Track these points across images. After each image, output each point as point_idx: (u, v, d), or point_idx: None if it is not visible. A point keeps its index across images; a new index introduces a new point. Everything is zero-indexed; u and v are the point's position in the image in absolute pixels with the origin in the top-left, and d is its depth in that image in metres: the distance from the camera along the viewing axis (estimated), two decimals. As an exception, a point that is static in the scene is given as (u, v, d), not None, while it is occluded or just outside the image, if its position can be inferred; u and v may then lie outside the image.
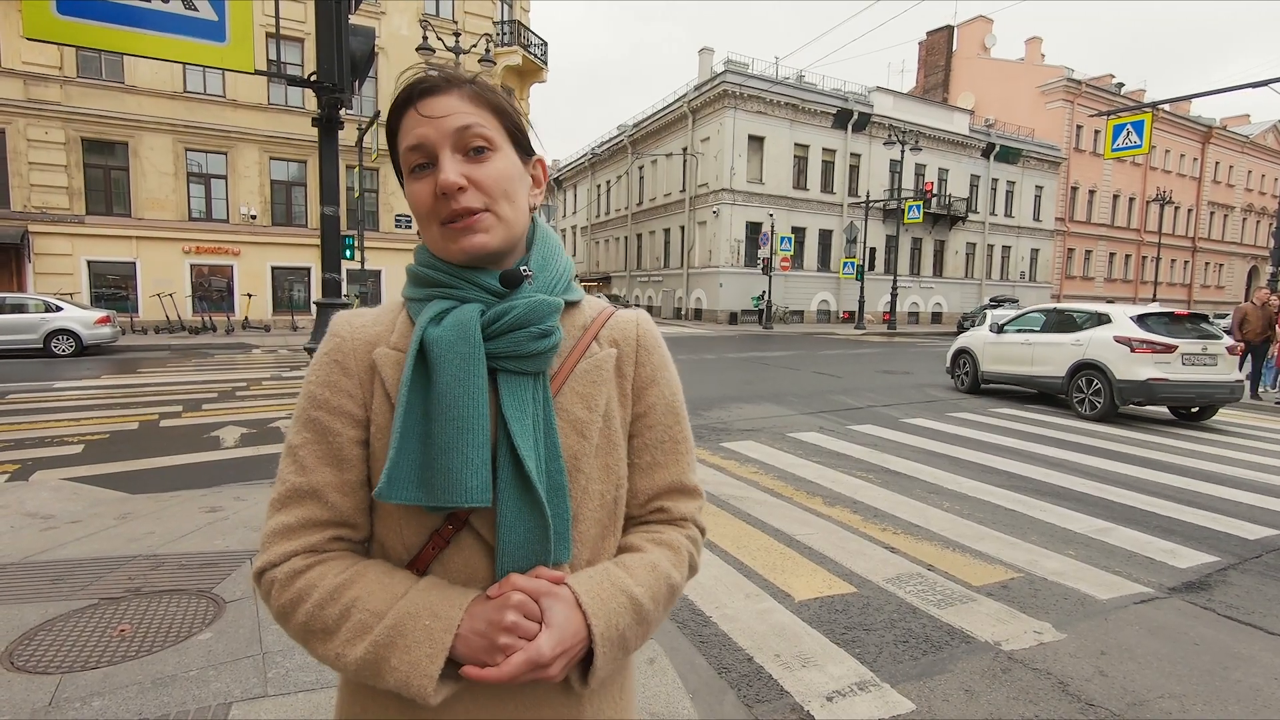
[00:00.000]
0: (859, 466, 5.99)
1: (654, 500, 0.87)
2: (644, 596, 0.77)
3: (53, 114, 18.34)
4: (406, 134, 0.77)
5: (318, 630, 0.71)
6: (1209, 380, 8.33)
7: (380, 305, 0.86)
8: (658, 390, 0.87)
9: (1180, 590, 3.56)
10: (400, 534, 0.77)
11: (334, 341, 0.80)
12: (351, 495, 0.77)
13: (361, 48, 3.83)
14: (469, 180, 0.76)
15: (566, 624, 0.70)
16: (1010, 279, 40.07)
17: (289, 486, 0.76)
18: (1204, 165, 48.00)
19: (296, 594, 0.72)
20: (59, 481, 4.95)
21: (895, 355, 18.02)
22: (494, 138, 0.79)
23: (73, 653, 2.52)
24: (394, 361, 0.77)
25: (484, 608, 0.71)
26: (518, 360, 0.76)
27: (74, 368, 12.18)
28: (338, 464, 0.76)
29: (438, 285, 0.80)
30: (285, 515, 0.75)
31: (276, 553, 0.74)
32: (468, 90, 0.79)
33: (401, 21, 22.10)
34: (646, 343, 0.88)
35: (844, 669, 2.69)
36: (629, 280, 40.04)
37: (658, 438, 0.86)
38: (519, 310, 0.77)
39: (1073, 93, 40.54)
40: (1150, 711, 2.46)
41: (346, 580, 0.72)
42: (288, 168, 21.70)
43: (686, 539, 0.86)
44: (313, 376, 0.79)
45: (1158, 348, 8.33)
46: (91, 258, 19.21)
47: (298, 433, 0.78)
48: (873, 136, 33.14)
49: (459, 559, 0.76)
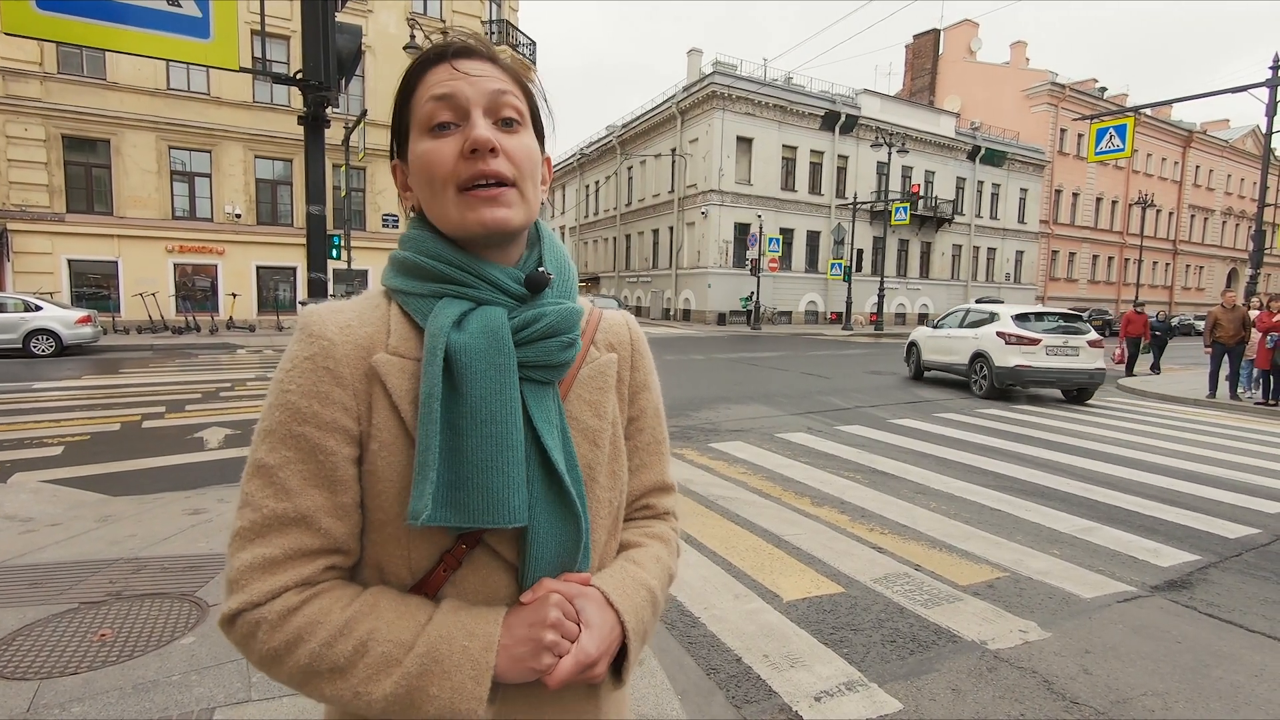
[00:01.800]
0: (847, 467, 6.01)
1: (642, 498, 0.89)
2: (657, 588, 0.80)
3: (32, 110, 18.06)
4: (434, 85, 0.71)
5: (325, 671, 0.64)
6: (1068, 368, 10.18)
7: (356, 299, 0.76)
8: (648, 395, 0.88)
9: (1163, 589, 3.60)
10: (407, 557, 0.69)
11: (319, 344, 0.68)
12: (345, 519, 0.69)
13: (348, 46, 3.80)
14: (501, 149, 0.71)
15: (603, 623, 0.70)
16: (996, 280, 40.46)
17: (267, 513, 0.66)
18: (1185, 169, 48.73)
19: (294, 634, 0.64)
20: (38, 484, 4.87)
21: (882, 356, 18.13)
22: (524, 113, 0.76)
23: (52, 658, 2.48)
24: (400, 369, 0.70)
25: (521, 614, 0.68)
26: (544, 370, 0.73)
27: (54, 368, 12.00)
28: (330, 486, 0.67)
29: (447, 281, 0.72)
30: (265, 547, 0.65)
31: (260, 590, 0.64)
32: (504, 62, 0.76)
33: (389, 19, 21.96)
34: (640, 347, 0.88)
35: (832, 669, 2.70)
36: (618, 281, 40.03)
37: (647, 440, 0.88)
38: (551, 318, 0.73)
39: (1057, 96, 41.01)
40: (1134, 709, 2.48)
41: (357, 613, 0.65)
42: (273, 166, 21.50)
43: (672, 530, 0.90)
44: (292, 385, 0.67)
45: (1025, 340, 10.23)
46: (72, 256, 18.93)
47: (273, 450, 0.67)
48: (860, 138, 33.36)
49: (475, 579, 0.71)
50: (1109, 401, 10.85)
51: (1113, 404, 10.58)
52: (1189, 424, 8.94)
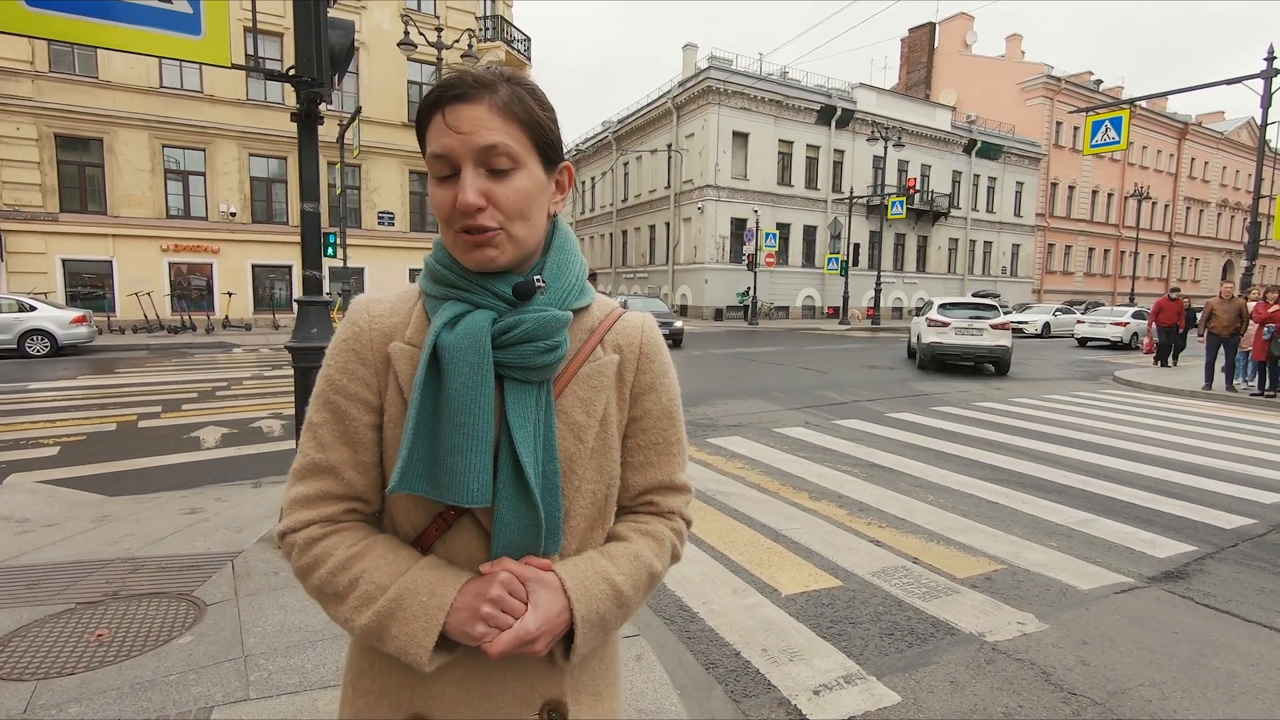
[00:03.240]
0: (844, 461, 6.02)
1: (644, 495, 0.93)
2: (625, 584, 0.83)
3: (24, 109, 17.94)
4: (432, 140, 0.79)
5: (330, 594, 0.78)
6: (971, 344, 13.05)
7: (398, 292, 0.90)
8: (655, 396, 0.91)
9: (1159, 580, 3.62)
10: (408, 515, 0.83)
11: (352, 330, 0.84)
12: (365, 474, 0.83)
13: (341, 41, 3.77)
14: (488, 198, 0.78)
15: (550, 606, 0.77)
16: (992, 274, 40.49)
17: (309, 460, 0.82)
18: (1180, 161, 48.76)
19: (313, 559, 0.79)
20: (34, 484, 4.85)
21: (880, 350, 18.14)
22: (519, 155, 0.79)
23: (49, 658, 2.47)
24: (408, 357, 0.82)
25: (475, 584, 0.77)
26: (523, 371, 0.80)
27: (49, 368, 11.95)
28: (353, 444, 0.82)
29: (452, 286, 0.83)
30: (304, 486, 0.81)
31: (296, 519, 0.80)
32: (499, 100, 0.78)
33: (383, 16, 21.85)
34: (649, 350, 0.91)
35: (831, 662, 2.71)
36: (615, 277, 39.98)
37: (651, 440, 0.92)
38: (527, 325, 0.80)
39: (1052, 89, 40.98)
40: (1131, 699, 2.49)
41: (356, 553, 0.79)
42: (268, 164, 21.40)
43: (670, 530, 0.92)
44: (332, 361, 0.83)
45: (938, 324, 13.26)
46: (66, 256, 18.83)
47: (318, 410, 0.83)
48: (856, 133, 33.31)
49: (459, 542, 0.82)
50: (1105, 394, 10.88)
51: (1109, 396, 10.61)
52: (1185, 415, 8.96)
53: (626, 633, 2.79)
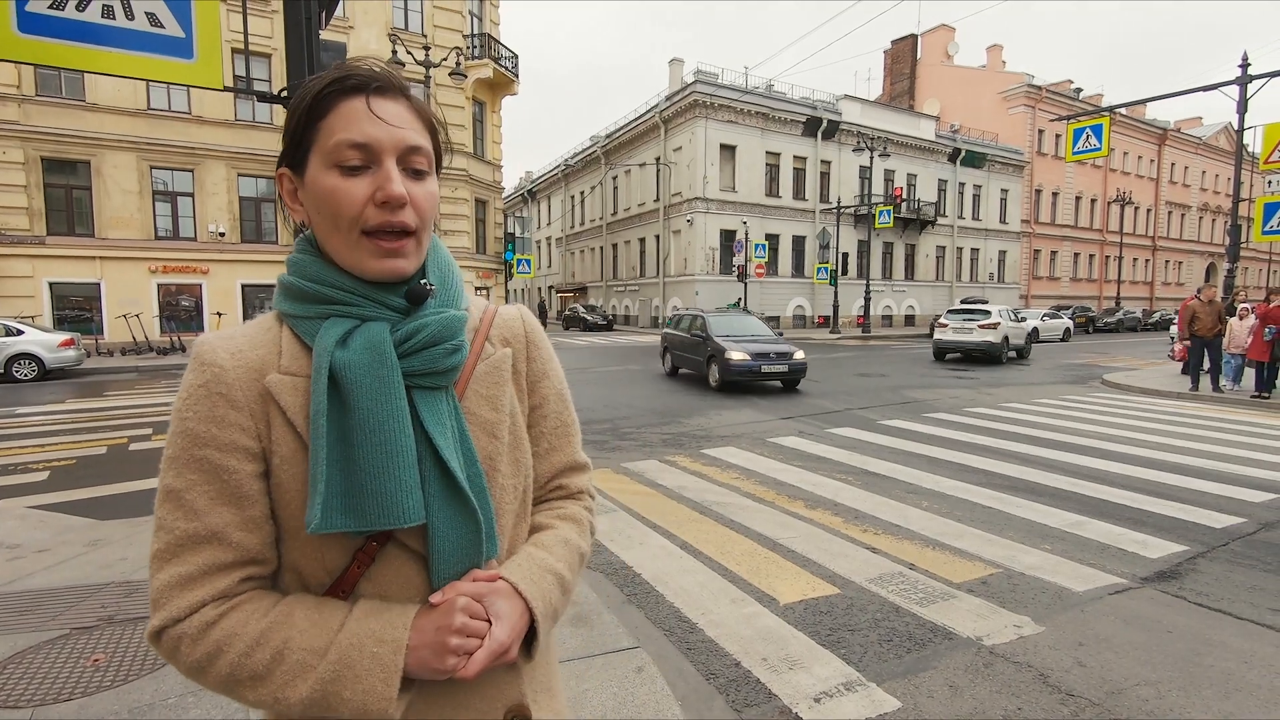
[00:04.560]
0: (839, 469, 6.05)
1: (553, 480, 0.94)
2: (565, 570, 0.85)
3: (10, 133, 17.87)
4: (349, 125, 0.72)
5: (245, 679, 0.69)
6: (964, 340, 17.16)
7: (249, 324, 0.80)
8: (549, 382, 0.93)
9: (1152, 580, 3.65)
10: (320, 559, 0.74)
11: (210, 371, 0.72)
12: (257, 531, 0.73)
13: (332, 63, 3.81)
14: (410, 198, 0.74)
15: (511, 612, 0.76)
16: (980, 280, 40.84)
17: (179, 534, 0.70)
18: (1161, 166, 49.49)
19: (214, 646, 0.68)
20: (25, 509, 4.80)
21: (871, 358, 18.24)
22: (432, 160, 0.79)
23: (45, 685, 2.45)
24: (292, 387, 0.74)
25: (430, 617, 0.73)
26: (431, 376, 0.77)
27: (37, 392, 11.84)
28: (236, 502, 0.71)
29: (332, 303, 0.76)
30: (180, 565, 0.70)
31: (179, 606, 0.69)
32: (415, 104, 0.78)
33: (370, 36, 21.96)
34: (535, 339, 0.92)
35: (830, 670, 2.72)
36: (605, 290, 40.06)
37: (553, 425, 0.93)
38: (432, 328, 0.77)
39: (1033, 98, 41.58)
40: (1128, 699, 2.52)
41: (272, 623, 0.70)
42: (256, 184, 21.37)
43: (585, 510, 0.95)
44: (189, 412, 0.71)
45: (942, 324, 17.84)
46: (54, 279, 18.69)
47: (179, 475, 0.71)
48: (842, 144, 33.65)
49: (388, 572, 0.75)
50: (1094, 397, 10.98)
51: (1098, 399, 10.71)
52: (1173, 417, 9.06)
53: (626, 645, 2.79)
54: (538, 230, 50.91)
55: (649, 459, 6.42)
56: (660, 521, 4.58)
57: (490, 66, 24.50)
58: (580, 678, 2.55)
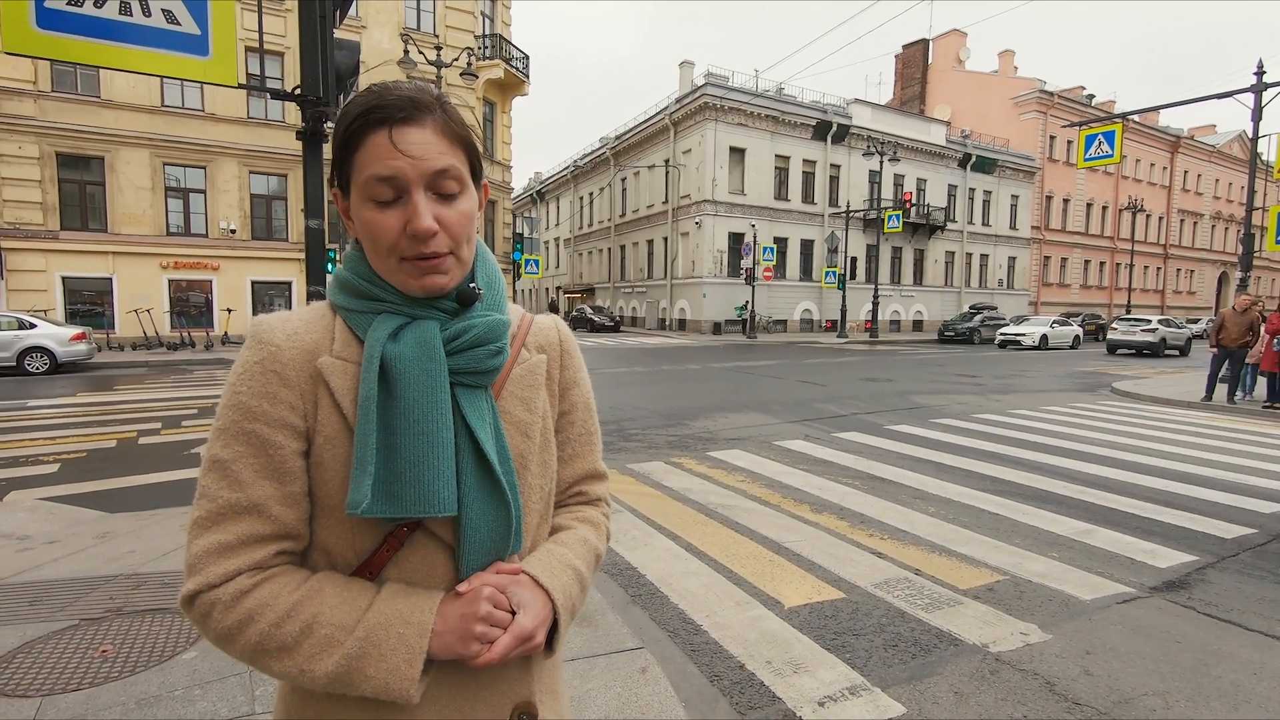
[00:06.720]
0: (845, 473, 6.03)
1: (574, 485, 0.97)
2: (584, 568, 0.88)
3: (26, 129, 18.07)
4: (375, 161, 0.74)
5: (274, 649, 0.70)
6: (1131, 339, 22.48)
7: (305, 309, 0.83)
8: (578, 391, 0.96)
9: (1161, 589, 3.62)
10: (351, 541, 0.77)
11: (267, 350, 0.75)
12: (295, 507, 0.75)
13: (346, 61, 3.83)
14: (439, 223, 0.76)
15: (534, 601, 0.79)
16: (989, 287, 40.67)
17: (222, 503, 0.72)
18: (1173, 174, 49.19)
19: (245, 614, 0.70)
20: (35, 501, 4.85)
21: (878, 363, 18.19)
22: (464, 177, 0.79)
23: (53, 675, 2.47)
24: (342, 371, 0.77)
25: (455, 604, 0.75)
26: (474, 376, 0.80)
27: (49, 386, 11.94)
28: (279, 477, 0.74)
29: (382, 300, 0.79)
30: (219, 534, 0.72)
31: (215, 573, 0.71)
32: (440, 121, 0.77)
33: (382, 35, 22.10)
34: (568, 347, 0.96)
35: (835, 674, 2.71)
36: (613, 291, 40.09)
37: (579, 432, 0.96)
38: (479, 330, 0.81)
39: (1045, 104, 41.41)
40: (1135, 709, 2.50)
41: (303, 596, 0.72)
42: (268, 181, 21.52)
43: (602, 515, 0.99)
44: (243, 387, 0.74)
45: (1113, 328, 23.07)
46: (66, 274, 18.88)
47: (226, 446, 0.74)
48: (852, 148, 33.60)
49: (416, 559, 0.78)
50: (1103, 405, 10.91)
51: (1107, 407, 10.64)
52: (1183, 426, 8.98)
53: (630, 645, 2.79)
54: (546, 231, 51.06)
55: (655, 460, 6.42)
56: (665, 523, 4.58)
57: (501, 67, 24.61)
58: (584, 677, 2.55)
